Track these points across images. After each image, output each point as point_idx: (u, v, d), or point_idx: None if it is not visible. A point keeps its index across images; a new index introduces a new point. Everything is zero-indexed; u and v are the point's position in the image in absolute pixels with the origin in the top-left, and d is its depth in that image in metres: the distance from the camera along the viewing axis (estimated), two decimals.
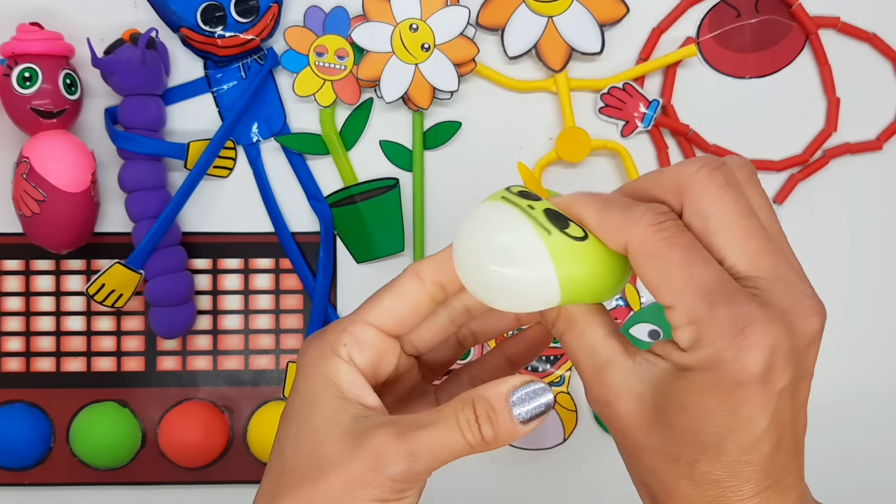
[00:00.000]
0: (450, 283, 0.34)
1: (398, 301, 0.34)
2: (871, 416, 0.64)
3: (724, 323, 0.28)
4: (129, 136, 0.56)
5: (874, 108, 0.62)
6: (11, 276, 0.60)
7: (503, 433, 0.31)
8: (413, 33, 0.57)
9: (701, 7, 0.60)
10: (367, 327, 0.33)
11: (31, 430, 0.59)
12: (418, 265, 0.34)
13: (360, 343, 0.33)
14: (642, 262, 0.30)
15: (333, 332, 0.34)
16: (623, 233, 0.30)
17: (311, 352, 0.34)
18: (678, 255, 0.29)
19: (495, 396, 0.31)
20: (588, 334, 0.32)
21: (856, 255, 0.63)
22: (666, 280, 0.29)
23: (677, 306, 0.29)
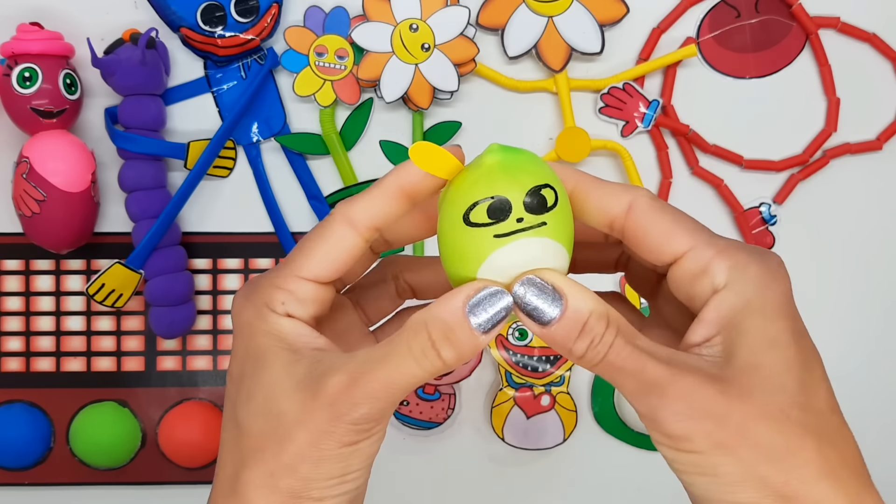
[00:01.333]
0: (384, 223, 0.32)
1: (331, 251, 0.32)
2: (871, 417, 0.64)
3: (747, 251, 0.31)
4: (129, 136, 0.56)
5: (874, 108, 0.62)
6: (11, 276, 0.60)
7: (465, 350, 0.30)
8: (413, 33, 0.57)
9: (701, 7, 0.60)
10: (302, 282, 0.32)
11: (30, 430, 0.59)
12: (349, 209, 0.32)
13: (298, 298, 0.32)
14: (651, 214, 0.31)
15: (267, 289, 0.32)
16: (627, 195, 0.31)
17: (246, 311, 0.32)
18: (684, 214, 0.31)
19: (450, 313, 0.29)
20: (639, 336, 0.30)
21: (856, 256, 0.63)
22: (678, 225, 0.31)
23: (698, 244, 0.30)
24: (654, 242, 0.31)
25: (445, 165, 0.33)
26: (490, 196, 0.31)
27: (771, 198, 0.61)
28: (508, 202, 0.31)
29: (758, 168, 0.61)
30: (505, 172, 0.32)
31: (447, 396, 0.61)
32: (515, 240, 0.31)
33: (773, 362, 0.29)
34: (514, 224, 0.31)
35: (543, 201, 0.31)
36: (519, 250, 0.30)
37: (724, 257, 0.30)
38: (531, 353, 0.60)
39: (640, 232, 0.31)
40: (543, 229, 0.31)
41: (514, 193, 0.31)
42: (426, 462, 0.62)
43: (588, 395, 0.62)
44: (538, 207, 0.31)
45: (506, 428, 0.60)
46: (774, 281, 0.31)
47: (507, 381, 0.60)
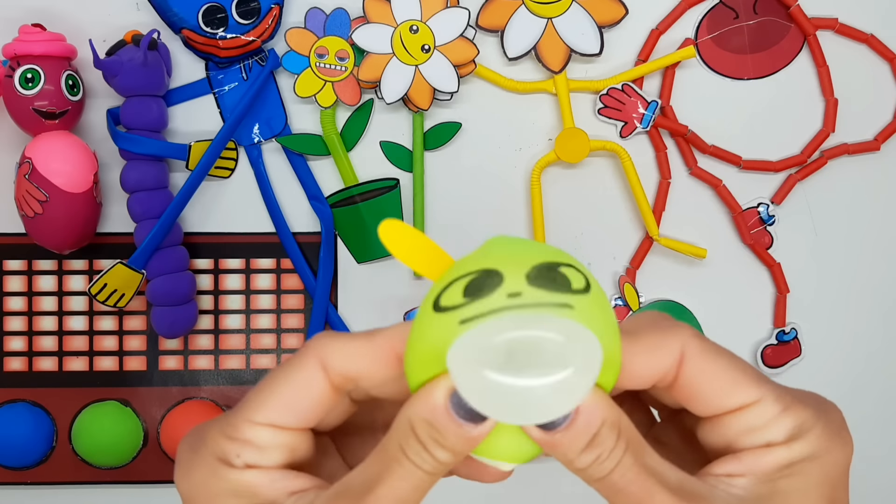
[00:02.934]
0: (364, 379, 0.27)
1: (295, 395, 0.27)
2: (870, 416, 0.64)
3: (814, 408, 0.27)
4: (131, 137, 0.56)
5: (872, 108, 0.62)
6: (14, 276, 0.60)
7: (459, 448, 0.25)
8: (413, 35, 0.58)
9: (699, 8, 0.60)
10: (259, 428, 0.27)
11: (33, 430, 0.60)
12: (326, 352, 0.27)
13: (258, 447, 0.27)
14: (709, 362, 0.26)
15: (216, 441, 0.27)
16: (674, 341, 0.26)
17: (196, 472, 0.27)
18: (736, 356, 0.27)
19: (430, 411, 0.24)
20: (650, 454, 0.26)
21: (854, 256, 0.63)
22: (744, 372, 0.26)
23: (766, 396, 0.26)
24: (713, 395, 0.26)
25: (426, 256, 0.25)
26: (474, 271, 0.23)
27: (769, 198, 0.62)
28: (498, 274, 0.23)
29: (756, 168, 0.61)
30: (505, 248, 0.24)
31: None
32: (503, 315, 0.22)
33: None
34: (502, 300, 0.22)
35: (562, 279, 0.23)
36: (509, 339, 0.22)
37: (790, 415, 0.26)
38: None
39: (696, 385, 0.26)
40: (567, 311, 0.22)
41: (511, 266, 0.23)
42: None
43: None
44: (552, 284, 0.23)
45: None
46: (834, 446, 0.27)
47: None
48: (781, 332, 0.62)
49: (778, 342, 0.62)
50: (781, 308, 0.62)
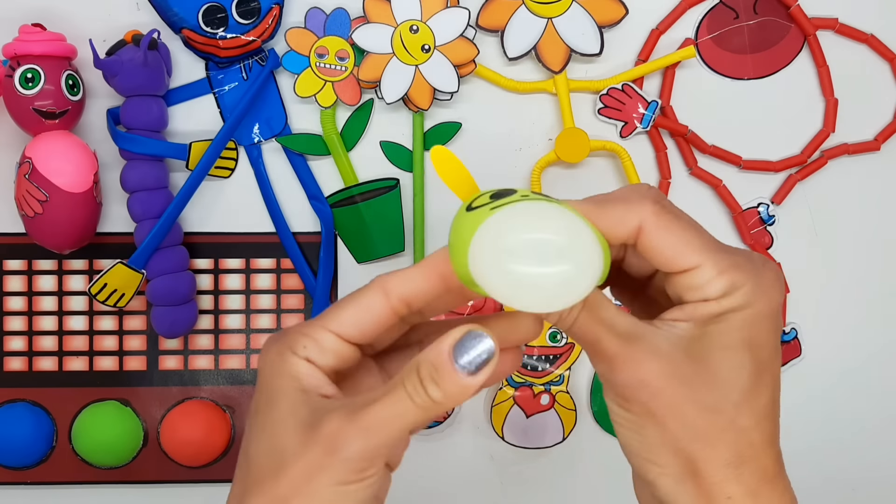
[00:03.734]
0: (416, 299, 0.33)
1: (361, 313, 0.33)
2: (871, 416, 0.64)
3: (746, 271, 0.32)
4: (131, 137, 0.56)
5: (872, 108, 0.62)
6: (14, 276, 0.60)
7: (451, 390, 0.30)
8: (413, 35, 0.58)
9: (699, 8, 0.60)
10: (327, 333, 0.33)
11: (33, 429, 0.60)
12: (386, 280, 0.33)
13: (321, 347, 0.33)
14: (661, 233, 0.32)
15: (293, 335, 0.34)
16: (633, 215, 0.32)
17: (270, 352, 0.34)
18: (690, 224, 0.33)
19: (436, 355, 0.30)
20: (605, 308, 0.32)
21: (854, 256, 0.63)
22: (688, 243, 0.32)
23: (705, 262, 0.32)
24: (665, 257, 0.33)
25: (462, 183, 0.33)
26: (497, 189, 0.31)
27: (769, 198, 0.62)
28: (513, 190, 0.31)
29: (756, 168, 0.61)
30: (517, 190, 0.31)
31: None
32: (514, 203, 0.29)
33: (722, 362, 0.32)
34: (516, 197, 0.29)
35: (553, 201, 0.30)
36: (524, 209, 0.28)
37: (723, 278, 0.32)
38: (531, 353, 0.60)
39: (652, 245, 0.33)
40: (552, 199, 0.30)
41: (522, 191, 0.31)
42: (426, 461, 0.62)
43: (587, 395, 0.62)
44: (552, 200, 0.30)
45: (505, 427, 0.61)
46: (758, 300, 0.33)
47: (507, 380, 0.61)
48: (782, 332, 0.62)
49: None
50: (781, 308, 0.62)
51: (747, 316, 0.32)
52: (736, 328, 0.32)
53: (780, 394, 0.34)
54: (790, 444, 0.65)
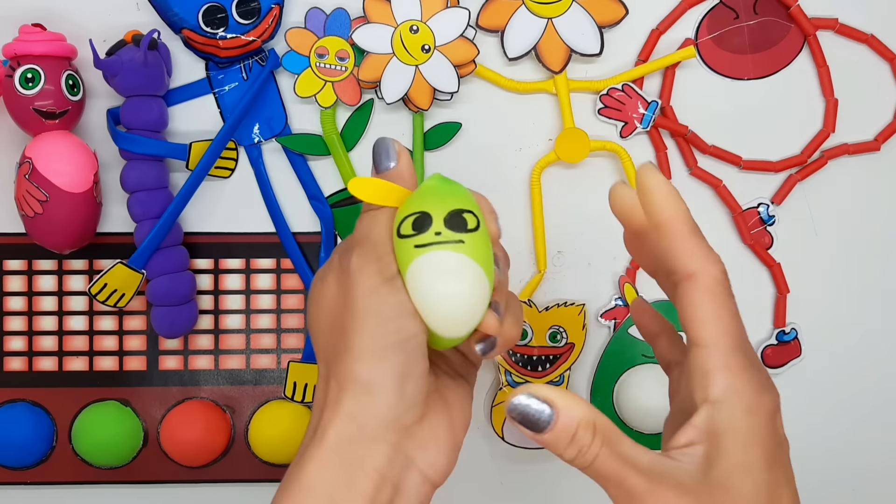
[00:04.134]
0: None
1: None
2: (870, 416, 0.64)
3: (746, 376, 0.34)
4: (131, 137, 0.56)
5: (872, 109, 0.62)
6: (14, 276, 0.60)
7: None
8: (413, 35, 0.58)
9: (699, 9, 0.60)
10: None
11: (33, 429, 0.60)
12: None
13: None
14: (707, 295, 0.34)
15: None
16: (709, 261, 0.35)
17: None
18: (733, 306, 0.35)
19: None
20: (623, 443, 0.33)
21: (854, 256, 0.63)
22: (708, 319, 0.34)
23: (713, 349, 0.34)
24: (685, 318, 0.35)
25: (389, 193, 0.38)
26: (416, 211, 0.37)
27: (769, 198, 0.62)
28: (429, 216, 0.36)
29: (756, 169, 0.61)
30: (434, 194, 0.37)
31: None
32: (432, 251, 0.36)
33: (743, 486, 0.33)
34: (432, 237, 0.36)
35: (463, 222, 0.36)
36: (435, 261, 0.36)
37: (724, 374, 0.34)
38: (531, 353, 0.60)
39: (683, 301, 0.35)
40: (460, 246, 0.36)
41: (436, 210, 0.36)
42: None
43: (587, 395, 0.62)
44: (456, 226, 0.36)
45: (505, 427, 0.61)
46: (759, 410, 0.34)
47: (507, 380, 0.61)
48: (781, 332, 0.62)
49: (778, 342, 0.62)
50: (781, 308, 0.62)
51: (756, 427, 0.33)
52: (750, 446, 0.33)
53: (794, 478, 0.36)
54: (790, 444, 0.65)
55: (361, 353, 0.36)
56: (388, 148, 0.39)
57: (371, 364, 0.36)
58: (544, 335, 0.60)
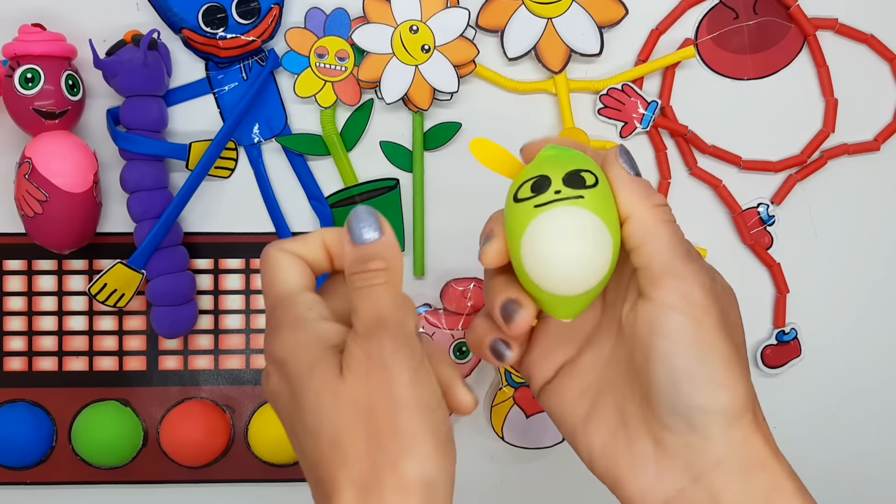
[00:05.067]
0: (312, 263, 0.39)
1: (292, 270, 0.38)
2: (870, 415, 0.64)
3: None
4: (131, 137, 0.56)
5: (872, 109, 0.62)
6: (14, 276, 0.60)
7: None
8: (413, 35, 0.58)
9: (699, 9, 0.60)
10: (304, 293, 0.38)
11: (33, 430, 0.60)
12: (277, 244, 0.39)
13: (314, 300, 0.37)
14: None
15: (292, 308, 0.37)
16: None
17: (286, 333, 0.36)
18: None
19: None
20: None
21: (854, 256, 0.63)
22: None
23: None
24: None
25: (507, 163, 0.39)
26: (534, 175, 0.36)
27: (769, 198, 0.62)
28: (548, 178, 0.36)
29: (756, 169, 0.61)
30: (551, 161, 0.37)
31: None
32: (552, 208, 0.35)
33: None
34: (551, 195, 0.35)
35: (581, 180, 0.36)
36: (557, 217, 0.35)
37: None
38: None
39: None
40: (580, 201, 0.35)
41: (555, 174, 0.36)
42: None
43: None
44: (575, 183, 0.35)
45: (505, 427, 0.61)
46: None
47: (507, 380, 0.61)
48: (781, 332, 0.62)
49: (778, 342, 0.62)
50: (781, 308, 0.62)
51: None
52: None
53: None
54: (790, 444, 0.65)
55: (423, 451, 0.33)
56: (370, 216, 0.36)
57: (435, 461, 0.33)
58: None
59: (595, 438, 0.38)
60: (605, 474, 0.37)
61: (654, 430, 0.36)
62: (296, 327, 0.35)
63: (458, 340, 0.59)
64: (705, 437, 0.35)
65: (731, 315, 0.37)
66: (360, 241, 0.36)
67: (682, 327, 0.35)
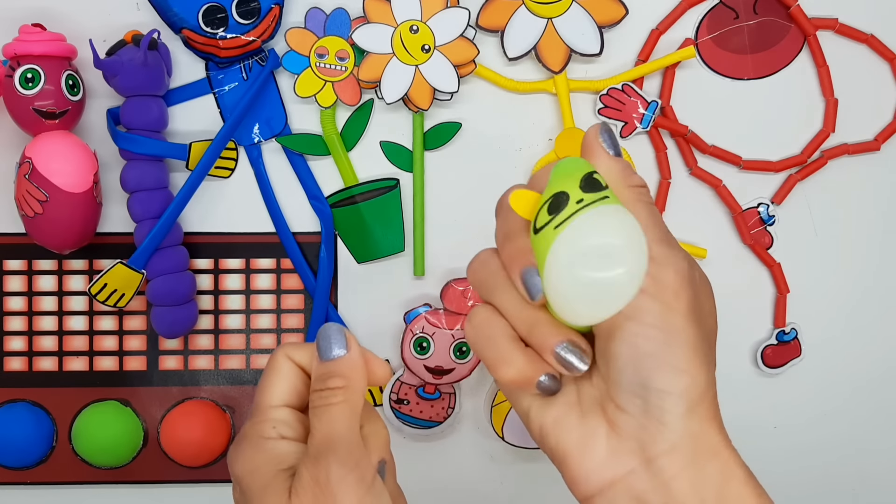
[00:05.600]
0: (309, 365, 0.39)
1: (286, 381, 0.38)
2: (870, 415, 0.64)
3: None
4: (131, 137, 0.56)
5: (872, 109, 0.62)
6: (14, 276, 0.60)
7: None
8: (413, 35, 0.58)
9: (699, 9, 0.60)
10: (278, 409, 0.38)
11: (33, 429, 0.60)
12: (288, 349, 0.39)
13: (283, 421, 0.37)
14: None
15: (256, 426, 0.37)
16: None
17: (246, 451, 0.37)
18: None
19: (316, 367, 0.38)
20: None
21: (854, 256, 0.63)
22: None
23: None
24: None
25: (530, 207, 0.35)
26: (547, 198, 0.33)
27: (769, 198, 0.62)
28: (564, 193, 0.33)
29: (756, 169, 0.61)
30: (557, 177, 0.33)
31: (447, 396, 0.61)
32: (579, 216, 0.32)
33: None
34: (574, 206, 0.32)
35: (597, 182, 0.33)
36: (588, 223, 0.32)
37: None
38: None
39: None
40: (608, 201, 0.32)
41: (568, 184, 0.33)
42: (426, 461, 0.62)
43: None
44: (595, 186, 0.33)
45: (505, 427, 0.61)
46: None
47: None
48: (781, 332, 0.62)
49: (778, 342, 0.62)
50: (781, 308, 0.62)
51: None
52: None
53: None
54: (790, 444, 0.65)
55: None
56: (338, 334, 0.37)
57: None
58: None
59: (548, 412, 0.37)
60: (553, 449, 0.37)
61: (608, 409, 0.36)
62: (256, 446, 0.37)
63: (459, 340, 0.59)
64: (660, 420, 0.34)
65: (704, 303, 0.36)
66: (326, 358, 0.37)
67: (650, 309, 0.34)
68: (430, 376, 0.59)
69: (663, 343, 0.34)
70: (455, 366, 0.59)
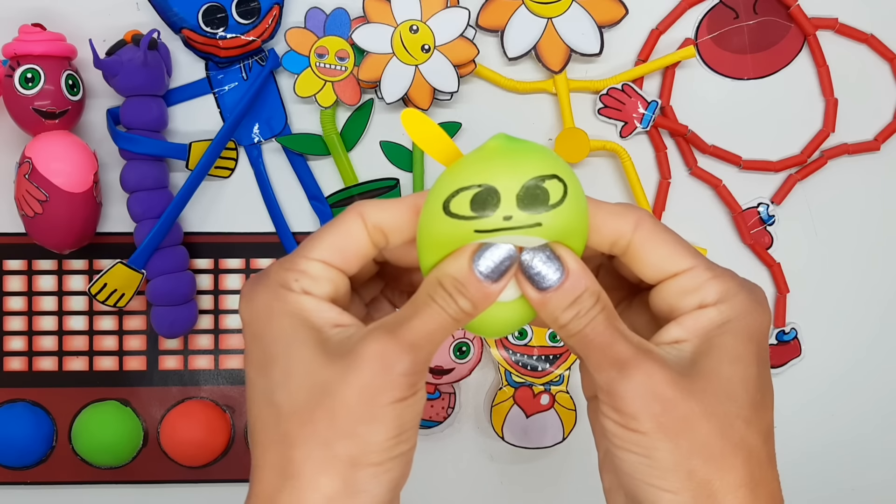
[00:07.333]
0: (391, 229, 0.32)
1: (342, 239, 0.32)
2: (868, 415, 0.64)
3: (737, 280, 0.33)
4: (131, 137, 0.56)
5: (872, 108, 0.62)
6: (14, 276, 0.60)
7: (479, 299, 0.31)
8: (413, 34, 0.58)
9: (699, 8, 0.60)
10: (313, 262, 0.32)
11: (33, 429, 0.60)
12: (363, 206, 0.33)
13: (312, 277, 0.32)
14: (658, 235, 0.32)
15: (279, 272, 0.32)
16: (631, 216, 0.32)
17: (260, 295, 0.32)
18: (678, 237, 0.33)
19: (458, 270, 0.30)
20: (618, 319, 0.32)
21: (854, 256, 0.63)
22: (678, 250, 0.32)
23: (698, 265, 0.32)
24: (657, 259, 0.32)
25: (439, 146, 0.30)
26: (477, 184, 0.28)
27: (769, 198, 0.62)
28: (496, 192, 0.28)
29: (756, 168, 0.61)
30: (503, 157, 0.28)
31: (447, 395, 0.61)
32: (499, 236, 0.29)
33: (733, 375, 0.31)
34: (498, 222, 0.28)
35: (543, 196, 0.28)
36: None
37: (719, 281, 0.32)
38: (531, 353, 0.60)
39: (645, 249, 0.32)
40: (537, 230, 0.28)
41: (506, 183, 0.27)
42: (426, 461, 0.62)
43: None
44: (534, 203, 0.28)
45: (505, 427, 0.61)
46: (756, 311, 0.32)
47: (507, 380, 0.61)
48: (781, 332, 0.62)
49: (778, 342, 0.62)
50: (781, 308, 0.62)
51: (752, 325, 0.32)
52: (743, 339, 0.31)
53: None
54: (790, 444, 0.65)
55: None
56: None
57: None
58: (544, 335, 0.60)
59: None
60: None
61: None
62: (274, 293, 0.32)
63: (459, 340, 0.59)
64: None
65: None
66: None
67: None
68: (429, 376, 0.59)
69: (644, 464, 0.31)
70: (455, 366, 0.59)
